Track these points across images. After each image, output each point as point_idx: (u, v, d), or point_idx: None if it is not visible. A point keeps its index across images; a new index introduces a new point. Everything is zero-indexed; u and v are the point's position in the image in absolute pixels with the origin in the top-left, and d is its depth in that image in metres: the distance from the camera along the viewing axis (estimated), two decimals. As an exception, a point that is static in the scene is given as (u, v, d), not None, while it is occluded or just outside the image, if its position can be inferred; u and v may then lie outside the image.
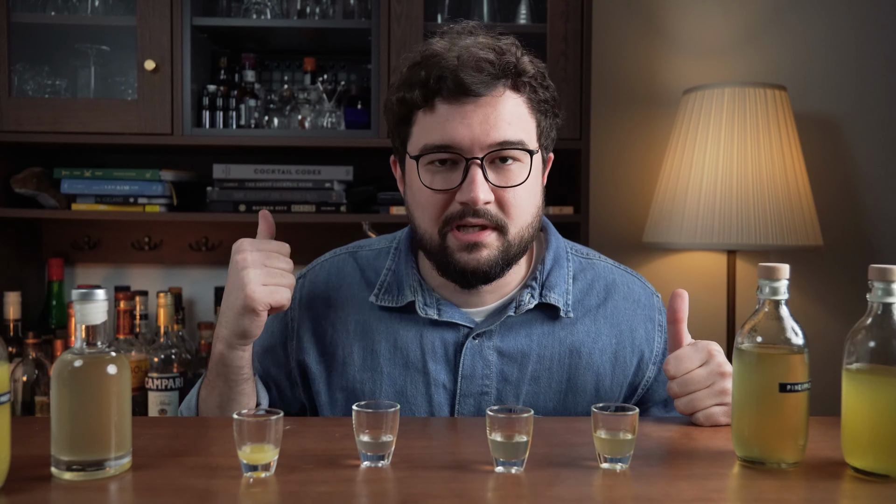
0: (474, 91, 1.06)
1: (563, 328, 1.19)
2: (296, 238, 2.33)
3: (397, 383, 1.17)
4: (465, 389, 1.16)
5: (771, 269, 0.90)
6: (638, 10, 2.42)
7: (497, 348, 1.16)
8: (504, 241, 1.10)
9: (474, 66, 1.06)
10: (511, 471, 0.87)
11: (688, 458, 0.93)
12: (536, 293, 1.17)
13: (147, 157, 2.31)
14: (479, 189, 1.06)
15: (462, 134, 1.06)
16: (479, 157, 1.07)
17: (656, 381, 1.23)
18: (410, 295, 1.17)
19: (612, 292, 1.23)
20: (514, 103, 1.10)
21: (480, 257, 1.09)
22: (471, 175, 1.06)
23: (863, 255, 2.43)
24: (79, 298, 0.86)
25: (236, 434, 0.85)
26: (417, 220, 1.14)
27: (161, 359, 1.98)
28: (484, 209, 1.08)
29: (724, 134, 2.08)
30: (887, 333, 0.86)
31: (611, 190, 2.43)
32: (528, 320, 1.18)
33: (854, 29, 2.42)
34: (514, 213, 1.10)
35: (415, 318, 1.17)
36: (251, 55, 2.18)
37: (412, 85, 1.09)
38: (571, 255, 1.24)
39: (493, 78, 1.07)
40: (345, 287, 1.23)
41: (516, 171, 1.10)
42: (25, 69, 2.12)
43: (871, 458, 0.86)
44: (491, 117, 1.07)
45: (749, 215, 2.04)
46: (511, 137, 1.08)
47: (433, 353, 1.17)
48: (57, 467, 0.84)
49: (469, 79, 1.05)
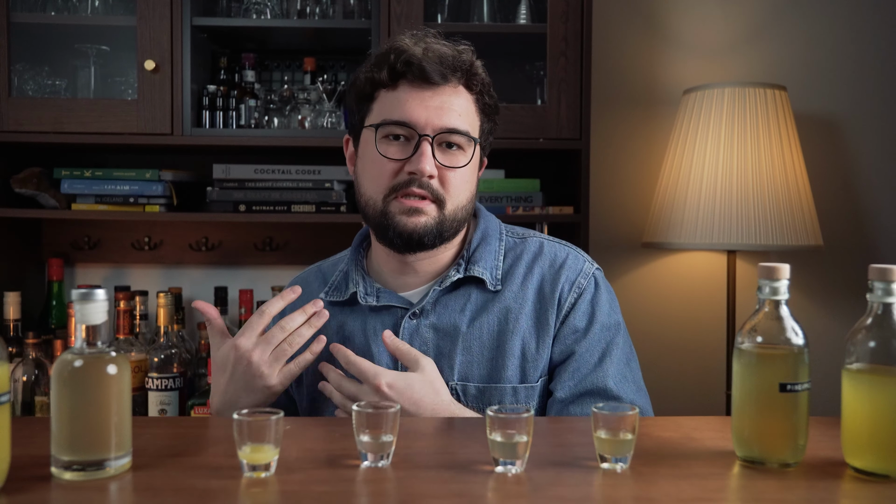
0: (434, 79, 1.20)
1: (493, 300, 1.27)
2: (296, 238, 2.36)
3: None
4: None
5: (771, 269, 0.90)
6: (638, 10, 2.42)
7: (433, 325, 1.26)
8: (441, 214, 1.22)
9: (437, 59, 1.21)
10: (511, 471, 0.87)
11: (688, 458, 0.93)
12: (462, 268, 1.27)
13: (147, 157, 2.31)
14: (426, 162, 1.19)
15: (419, 114, 1.20)
16: (431, 135, 1.20)
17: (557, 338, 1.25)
18: (353, 287, 1.29)
19: (537, 259, 1.30)
20: (466, 99, 1.24)
21: (419, 221, 1.21)
22: (421, 149, 1.19)
23: (863, 255, 2.43)
24: (79, 298, 0.86)
25: (236, 434, 0.85)
26: (364, 188, 1.26)
27: (161, 359, 1.98)
28: (427, 182, 1.20)
29: (724, 134, 2.08)
30: (887, 333, 0.86)
31: (611, 190, 2.43)
32: (461, 296, 1.27)
33: (854, 29, 2.42)
34: (452, 192, 1.23)
35: (359, 307, 1.29)
36: (251, 55, 2.18)
37: (380, 66, 1.22)
38: (506, 236, 1.34)
39: (451, 71, 1.21)
40: (308, 294, 1.32)
41: (459, 155, 1.23)
42: (25, 69, 2.12)
43: (871, 458, 0.86)
44: (445, 105, 1.21)
45: (749, 215, 2.04)
46: (459, 126, 1.22)
47: (375, 336, 1.27)
48: (57, 467, 0.84)
49: (431, 68, 1.20)
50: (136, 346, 2.03)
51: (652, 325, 2.42)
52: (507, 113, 2.05)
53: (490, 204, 2.12)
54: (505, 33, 2.14)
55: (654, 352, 2.38)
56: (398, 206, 1.21)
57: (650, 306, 2.43)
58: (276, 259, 2.37)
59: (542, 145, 2.06)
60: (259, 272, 2.39)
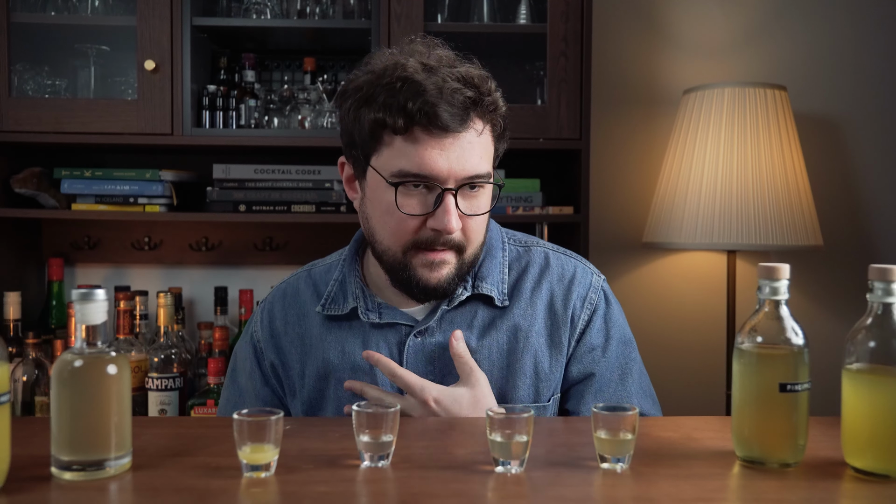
0: (453, 127, 1.10)
1: (501, 316, 1.22)
2: (296, 238, 2.36)
3: (344, 389, 1.20)
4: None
5: (771, 269, 0.90)
6: (638, 10, 2.42)
7: (439, 344, 1.20)
8: (461, 260, 1.17)
9: (454, 101, 1.10)
10: (511, 471, 0.87)
11: (688, 458, 0.93)
12: (469, 285, 1.22)
13: (147, 157, 2.31)
14: (453, 219, 1.12)
15: (440, 165, 1.11)
16: (454, 187, 1.12)
17: (574, 358, 1.24)
18: (353, 301, 1.23)
19: (545, 274, 1.26)
20: (485, 137, 1.16)
21: (441, 275, 1.15)
22: (445, 205, 1.12)
23: (863, 255, 2.43)
24: (79, 298, 0.86)
25: (236, 434, 0.85)
26: (379, 236, 1.18)
27: (161, 359, 1.98)
28: (450, 238, 1.14)
29: (724, 134, 2.08)
30: (887, 333, 0.86)
31: (611, 190, 2.43)
32: (468, 313, 1.22)
33: (854, 29, 2.42)
34: (473, 238, 1.17)
35: (360, 323, 1.23)
36: (251, 55, 2.18)
37: (390, 108, 1.11)
38: (508, 244, 1.29)
39: (471, 109, 1.12)
40: (299, 304, 1.28)
41: (482, 199, 1.16)
42: (25, 69, 2.12)
43: (871, 458, 0.86)
44: (466, 152, 1.12)
45: (749, 215, 2.04)
46: (481, 171, 1.14)
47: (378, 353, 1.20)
48: (57, 467, 0.84)
49: (449, 113, 1.09)
50: (136, 346, 2.03)
51: (652, 325, 2.42)
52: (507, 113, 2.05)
53: (490, 204, 2.12)
54: (505, 33, 2.14)
55: (654, 352, 2.38)
56: (421, 260, 1.15)
57: (650, 306, 2.43)
58: (276, 259, 2.37)
59: (542, 145, 2.06)
60: (259, 272, 2.39)
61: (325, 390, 1.23)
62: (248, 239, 2.36)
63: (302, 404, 1.25)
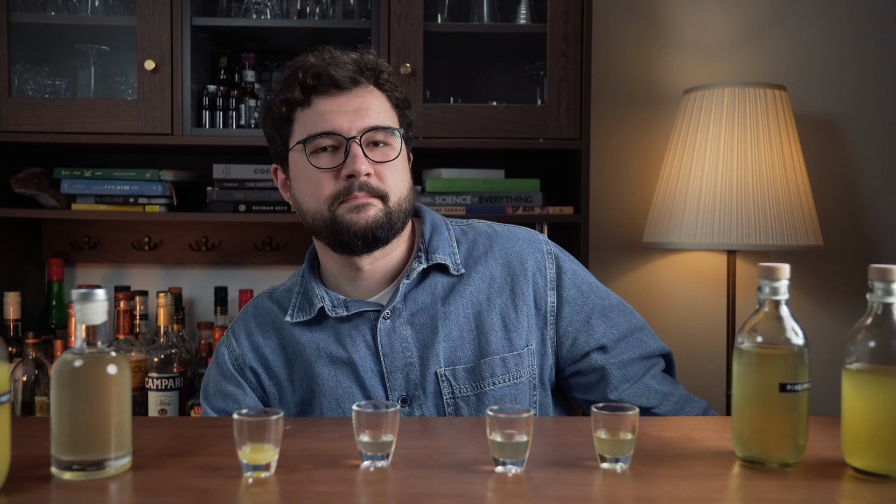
0: (345, 84, 1.23)
1: (461, 283, 1.29)
2: (296, 238, 2.36)
3: (330, 382, 1.27)
4: (390, 366, 1.25)
5: (771, 269, 0.90)
6: (638, 10, 2.42)
7: (408, 321, 1.27)
8: (387, 207, 1.23)
9: (342, 65, 1.24)
10: (511, 471, 0.87)
11: (688, 458, 0.93)
12: (423, 258, 1.28)
13: (147, 157, 2.31)
14: (360, 162, 1.20)
15: (340, 120, 1.22)
16: (357, 136, 1.22)
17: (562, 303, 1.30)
18: (318, 302, 1.28)
19: (495, 238, 1.34)
20: (379, 98, 1.27)
21: (368, 216, 1.21)
22: (352, 152, 1.21)
23: (863, 255, 2.43)
24: (79, 298, 0.86)
25: (236, 434, 0.85)
26: (307, 206, 1.26)
27: (161, 359, 1.98)
28: (366, 182, 1.21)
29: (724, 134, 2.08)
30: (887, 333, 0.86)
31: (611, 190, 2.43)
32: (428, 288, 1.29)
33: (854, 29, 2.42)
34: (391, 185, 1.24)
35: (328, 322, 1.29)
36: (251, 55, 2.18)
37: (291, 86, 1.24)
38: (451, 225, 1.36)
39: (359, 73, 1.25)
40: (272, 319, 1.34)
41: (388, 150, 1.25)
42: (25, 69, 2.12)
43: (871, 458, 0.86)
44: (362, 106, 1.24)
45: (749, 215, 2.04)
46: (381, 122, 1.24)
47: (353, 343, 1.27)
48: (57, 467, 0.84)
49: (340, 74, 1.23)
50: (136, 346, 2.03)
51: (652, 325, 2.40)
52: (507, 113, 2.05)
53: (490, 204, 2.12)
54: (505, 33, 2.14)
55: (654, 352, 2.38)
56: (345, 209, 1.22)
57: (650, 306, 2.43)
58: (276, 259, 2.37)
59: (542, 145, 2.06)
60: (259, 272, 2.39)
61: (312, 390, 1.28)
62: (248, 239, 2.36)
63: (295, 406, 1.30)
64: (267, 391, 1.31)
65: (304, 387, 1.29)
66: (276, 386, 1.31)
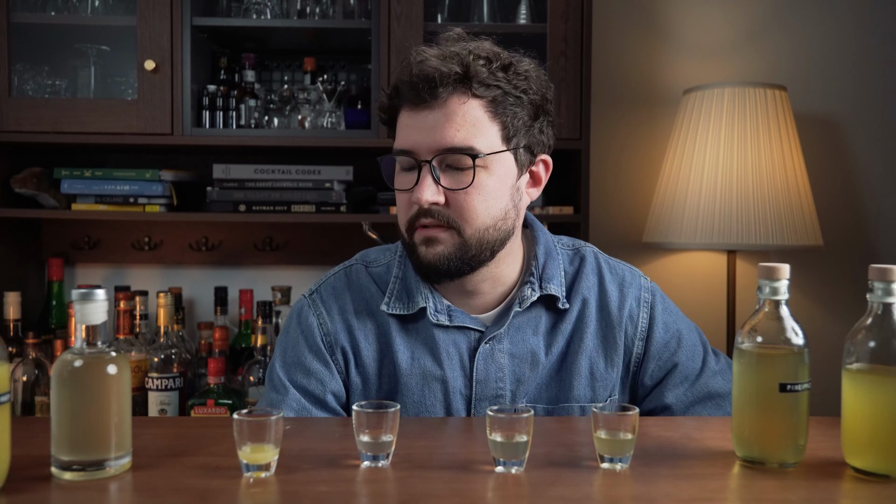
0: (425, 98, 1.11)
1: (562, 319, 1.22)
2: (296, 238, 2.36)
3: (416, 396, 1.19)
4: (480, 394, 1.19)
5: (771, 269, 0.90)
6: (638, 10, 2.42)
7: (508, 351, 1.19)
8: (459, 240, 1.13)
9: (425, 74, 1.11)
10: (511, 471, 0.87)
11: (688, 458, 0.93)
12: (536, 286, 1.20)
13: (147, 157, 2.31)
14: (424, 191, 1.11)
15: (414, 139, 1.13)
16: (429, 159, 1.11)
17: (648, 358, 1.25)
18: (422, 301, 1.19)
19: (602, 277, 1.26)
20: (470, 107, 1.12)
21: (436, 251, 1.13)
22: (420, 177, 1.12)
23: (863, 255, 2.43)
24: (79, 298, 0.86)
25: (236, 434, 0.85)
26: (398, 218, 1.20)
27: (161, 359, 1.98)
28: (434, 210, 1.12)
29: (724, 134, 2.08)
30: (887, 333, 0.86)
31: (611, 190, 2.43)
32: (533, 318, 1.21)
33: (854, 29, 2.42)
34: (466, 215, 1.13)
35: (426, 324, 1.19)
36: (251, 55, 2.18)
37: (392, 91, 1.17)
38: (560, 248, 1.28)
39: (440, 84, 1.10)
40: (367, 298, 1.23)
41: (466, 174, 1.12)
42: (25, 69, 2.12)
43: (871, 458, 0.86)
44: (439, 123, 1.11)
45: (749, 215, 2.04)
46: (458, 143, 1.10)
47: (448, 359, 1.19)
48: (57, 467, 0.84)
49: (421, 86, 1.10)
50: (136, 346, 2.03)
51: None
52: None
53: (490, 204, 2.12)
54: (505, 33, 2.13)
55: (654, 352, 2.38)
56: (418, 237, 1.14)
57: (650, 306, 2.42)
58: (276, 259, 2.37)
59: (542, 145, 2.05)
60: (259, 272, 2.39)
61: (395, 395, 1.20)
62: (248, 239, 2.36)
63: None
64: (351, 379, 1.21)
65: (388, 388, 1.20)
66: (362, 376, 1.21)
